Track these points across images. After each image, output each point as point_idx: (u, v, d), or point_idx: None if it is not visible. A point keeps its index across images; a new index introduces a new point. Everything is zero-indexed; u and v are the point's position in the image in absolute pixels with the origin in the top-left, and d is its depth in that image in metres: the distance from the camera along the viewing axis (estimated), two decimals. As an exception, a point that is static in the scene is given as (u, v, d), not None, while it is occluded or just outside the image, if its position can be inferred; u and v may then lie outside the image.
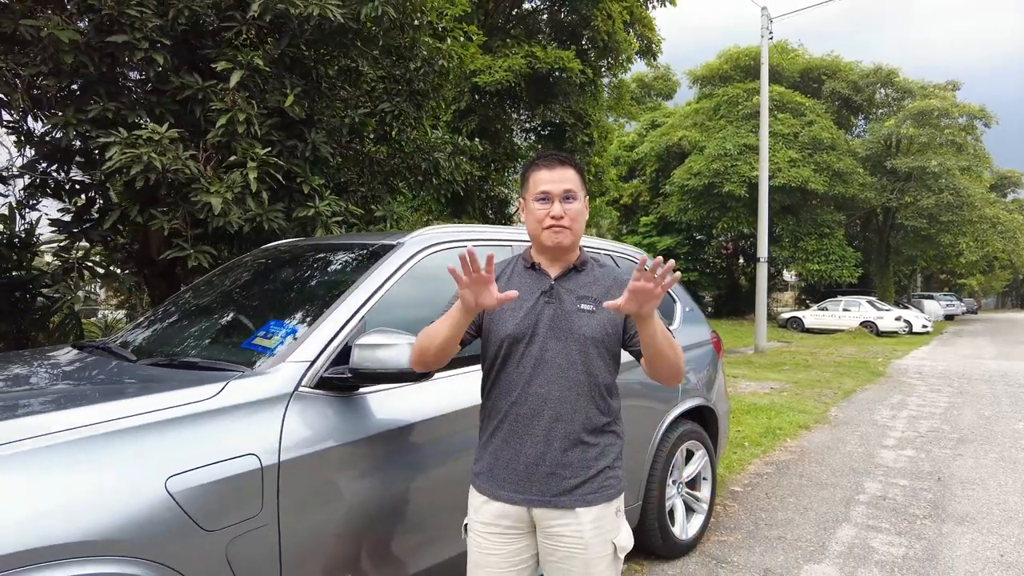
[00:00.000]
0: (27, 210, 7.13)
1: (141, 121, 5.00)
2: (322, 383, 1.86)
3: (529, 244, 1.78)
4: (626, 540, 1.73)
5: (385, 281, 2.16)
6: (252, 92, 4.98)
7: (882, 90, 28.23)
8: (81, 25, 4.96)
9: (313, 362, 1.86)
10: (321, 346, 1.89)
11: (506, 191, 16.95)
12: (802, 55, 28.61)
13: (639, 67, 19.77)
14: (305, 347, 1.88)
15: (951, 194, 24.17)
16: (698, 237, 28.66)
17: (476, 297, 1.49)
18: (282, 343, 1.93)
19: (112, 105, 4.91)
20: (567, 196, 1.68)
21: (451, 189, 6.82)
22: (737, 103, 25.00)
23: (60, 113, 4.96)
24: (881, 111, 28.67)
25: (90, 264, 7.01)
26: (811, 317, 23.82)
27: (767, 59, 15.13)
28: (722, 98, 25.75)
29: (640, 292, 1.43)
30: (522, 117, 13.78)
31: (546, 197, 1.68)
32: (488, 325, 1.72)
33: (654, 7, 13.32)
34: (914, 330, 22.18)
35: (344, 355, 1.91)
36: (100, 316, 12.39)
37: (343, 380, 1.87)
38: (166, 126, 4.58)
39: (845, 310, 23.02)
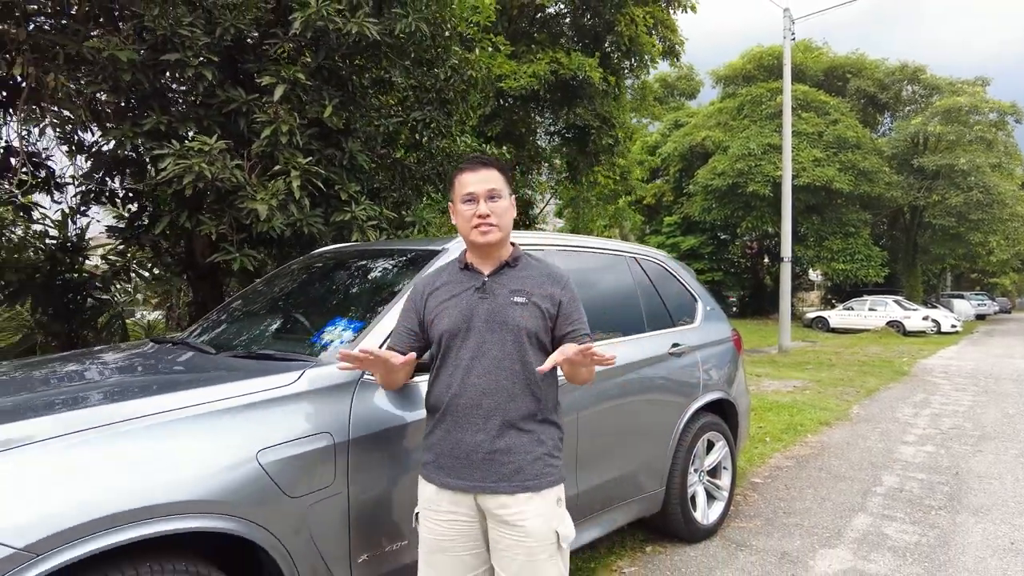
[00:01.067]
0: (78, 216, 7.57)
1: (190, 133, 5.33)
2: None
3: (558, 247, 2.01)
4: (569, 530, 1.78)
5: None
6: (293, 104, 5.28)
7: (909, 87, 27.91)
8: (135, 45, 5.30)
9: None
10: (380, 340, 2.14)
11: (530, 192, 17.19)
12: (826, 53, 28.42)
13: (662, 67, 19.84)
14: (367, 340, 2.14)
15: (981, 192, 23.86)
16: (722, 237, 28.61)
17: (385, 374, 1.84)
18: (351, 338, 2.19)
19: (164, 118, 5.24)
20: (491, 196, 1.77)
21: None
22: (761, 103, 24.96)
23: (117, 127, 5.31)
24: (908, 109, 28.36)
25: (136, 267, 7.41)
26: (836, 317, 23.69)
27: (789, 60, 15.17)
28: (745, 98, 25.72)
29: (574, 365, 1.65)
30: (546, 120, 14.00)
31: (472, 198, 1.77)
32: (429, 326, 1.84)
33: (675, 13, 13.44)
34: (943, 330, 21.95)
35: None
36: (139, 316, 12.85)
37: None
38: (215, 137, 4.89)
39: (871, 310, 22.86)
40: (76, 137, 6.56)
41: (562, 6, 13.89)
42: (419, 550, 1.83)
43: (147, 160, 5.84)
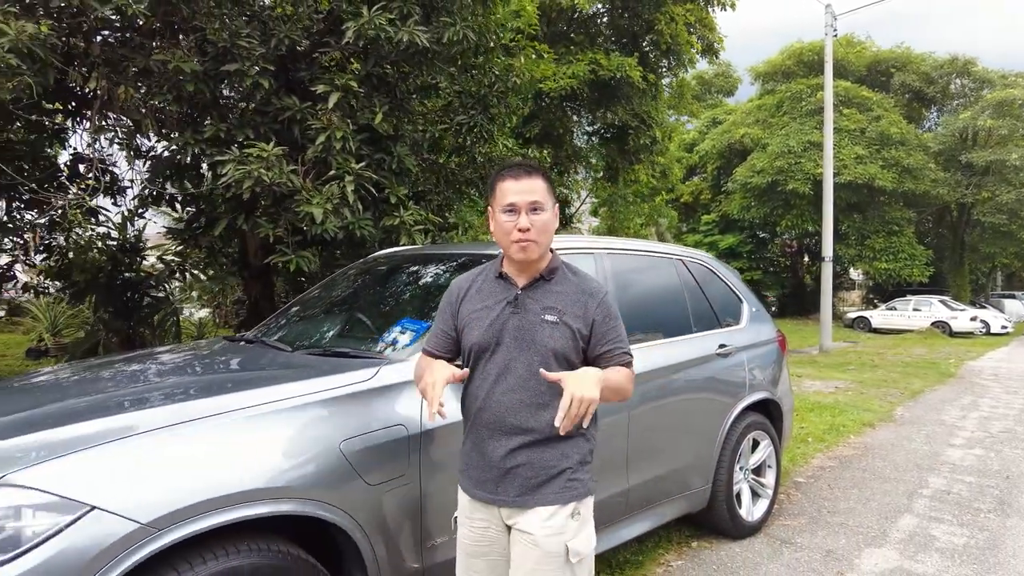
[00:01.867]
0: (136, 219, 7.93)
1: (245, 140, 5.57)
2: None
3: (608, 250, 2.09)
4: (582, 544, 1.72)
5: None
6: (346, 111, 5.47)
7: (958, 81, 27.10)
8: (197, 57, 5.55)
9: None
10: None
11: (566, 191, 17.25)
12: (869, 48, 27.78)
13: (700, 65, 19.71)
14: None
15: (1034, 188, 23.10)
16: (761, 235, 28.21)
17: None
18: (416, 337, 2.34)
19: (223, 126, 5.50)
20: (534, 208, 1.70)
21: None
22: (800, 99, 24.53)
23: (180, 134, 5.58)
24: (956, 103, 27.54)
25: (190, 267, 7.73)
26: (879, 317, 23.19)
27: (831, 57, 14.94)
28: (785, 94, 25.32)
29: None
30: (583, 120, 14.05)
31: (513, 209, 1.70)
32: (460, 333, 1.82)
33: (714, 10, 13.36)
34: (992, 331, 21.29)
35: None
36: (187, 314, 13.32)
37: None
38: (272, 144, 5.11)
39: (915, 310, 22.32)
40: (135, 143, 6.88)
41: (600, 6, 13.93)
42: (457, 553, 1.84)
43: (204, 165, 6.13)
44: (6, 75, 4.72)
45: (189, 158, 5.62)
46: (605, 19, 14.36)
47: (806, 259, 30.62)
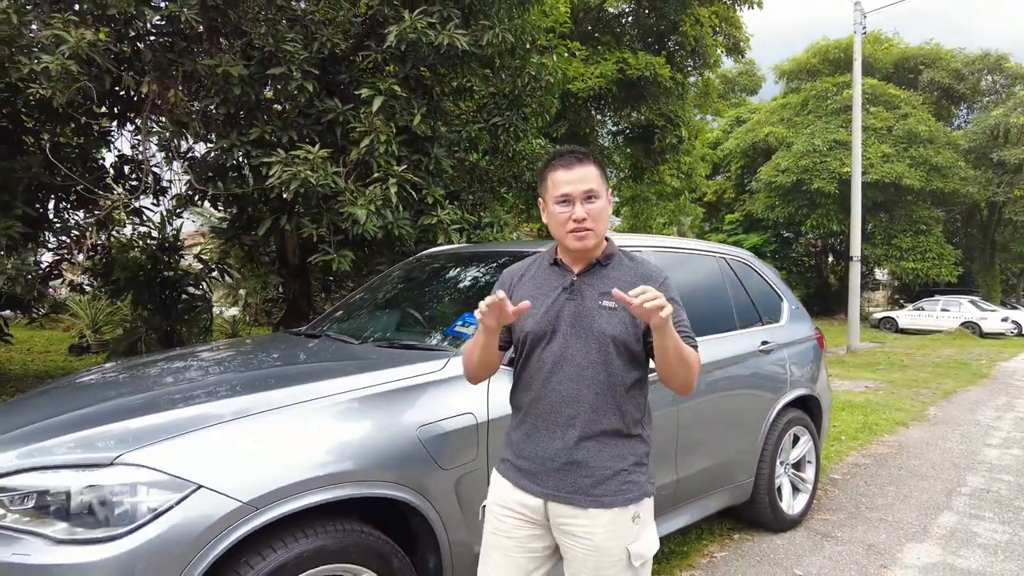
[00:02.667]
0: (174, 218, 8.13)
1: (289, 141, 5.72)
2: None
3: (654, 248, 2.15)
4: (644, 547, 1.68)
5: (548, 282, 2.65)
6: (388, 114, 5.60)
7: (989, 77, 26.66)
8: (243, 61, 5.71)
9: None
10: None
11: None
12: (896, 45, 27.43)
13: (726, 64, 19.64)
14: (499, 333, 2.39)
15: (1068, 187, 22.68)
16: (785, 235, 28.00)
17: (497, 321, 1.61)
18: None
19: (268, 128, 5.66)
20: (588, 197, 1.64)
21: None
22: (826, 97, 24.32)
23: (226, 136, 5.74)
24: (987, 99, 27.10)
25: (228, 266, 7.92)
26: (906, 317, 22.91)
27: (860, 56, 14.82)
28: (810, 93, 25.11)
29: (638, 311, 1.46)
30: (609, 119, 14.10)
31: (567, 199, 1.64)
32: (513, 324, 1.75)
33: (741, 9, 13.34)
34: (1024, 332, 20.97)
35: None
36: (216, 311, 13.58)
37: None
38: (317, 147, 5.25)
39: (944, 310, 22.03)
40: (173, 145, 7.07)
41: (625, 7, 13.98)
42: (482, 544, 1.79)
43: (246, 166, 6.29)
44: (65, 81, 4.91)
45: (235, 159, 5.79)
46: (630, 19, 14.41)
47: (830, 259, 30.33)
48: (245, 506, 1.70)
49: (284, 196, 5.33)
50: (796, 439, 3.85)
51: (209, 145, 6.56)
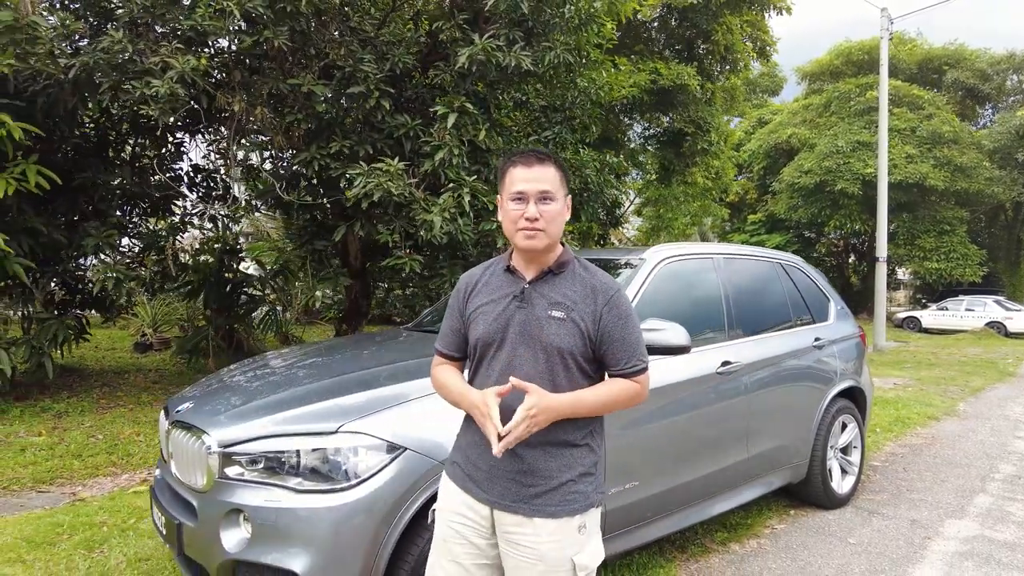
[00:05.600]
0: (238, 223, 8.67)
1: (365, 154, 6.21)
2: None
3: (725, 255, 2.51)
4: (589, 559, 1.64)
5: (642, 284, 3.10)
6: (457, 128, 6.06)
7: (1014, 76, 26.69)
8: (323, 80, 6.21)
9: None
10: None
11: (618, 192, 17.72)
12: (920, 46, 27.51)
13: (754, 67, 19.92)
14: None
15: (1093, 186, 22.68)
16: (807, 235, 28.19)
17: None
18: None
19: (346, 142, 6.15)
20: (544, 197, 1.61)
21: (599, 202, 7.77)
22: (849, 99, 24.50)
23: (307, 149, 6.24)
24: (1012, 99, 27.12)
25: (295, 269, 8.42)
26: (929, 317, 23.06)
27: (887, 61, 15.08)
28: (832, 94, 25.29)
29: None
30: (639, 125, 14.49)
31: (521, 197, 1.62)
32: (467, 328, 1.74)
33: (770, 15, 13.67)
34: (1050, 332, 21.03)
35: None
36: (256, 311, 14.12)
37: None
38: (397, 160, 5.73)
39: (968, 310, 22.15)
40: (248, 157, 7.61)
41: (657, 13, 14.35)
42: (431, 551, 1.76)
43: (316, 177, 6.78)
44: (171, 102, 5.45)
45: (314, 170, 6.30)
46: (655, 24, 14.78)
47: (852, 259, 30.45)
48: (439, 464, 2.17)
49: (361, 205, 5.81)
50: (844, 426, 4.26)
51: (286, 157, 7.08)
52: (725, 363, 3.26)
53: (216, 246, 8.33)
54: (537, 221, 1.60)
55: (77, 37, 5.83)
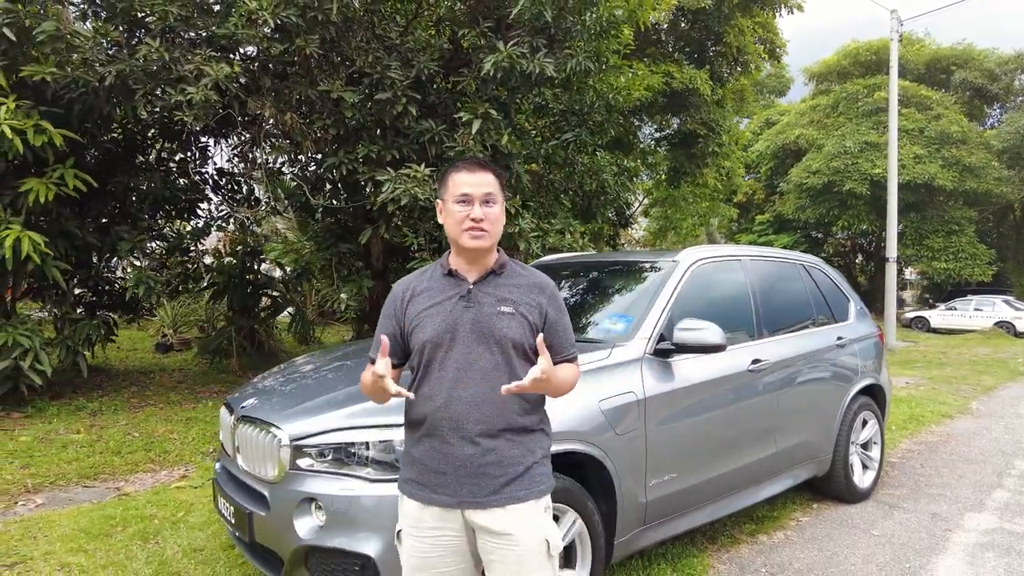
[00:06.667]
0: (259, 225, 8.82)
1: (392, 159, 6.35)
2: (655, 352, 2.95)
3: (751, 257, 2.64)
4: (556, 537, 1.75)
5: (676, 285, 3.24)
6: (480, 133, 6.21)
7: (1022, 76, 26.68)
8: (351, 87, 6.36)
9: (650, 338, 2.96)
10: (652, 328, 2.98)
11: (628, 194, 17.85)
12: (928, 46, 27.54)
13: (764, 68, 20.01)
14: (644, 328, 2.98)
15: (1102, 186, 22.70)
16: (815, 235, 28.25)
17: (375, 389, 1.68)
18: (627, 327, 3.04)
19: (373, 147, 6.30)
20: (487, 200, 1.71)
21: (615, 205, 7.91)
22: (857, 99, 24.55)
23: (334, 154, 6.40)
24: (1020, 99, 27.13)
25: (318, 271, 8.57)
26: (938, 317, 23.11)
27: (896, 63, 15.17)
28: (840, 95, 25.35)
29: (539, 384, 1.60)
30: (650, 127, 14.60)
31: (466, 199, 1.70)
32: (410, 335, 1.76)
33: (780, 14, 13.77)
34: (1059, 331, 21.05)
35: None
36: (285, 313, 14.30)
37: (667, 351, 2.96)
38: (423, 165, 5.88)
39: (977, 309, 22.19)
40: (273, 161, 7.76)
41: (664, 19, 14.47)
42: (403, 568, 1.78)
43: (340, 182, 6.92)
44: (205, 108, 5.61)
45: (341, 175, 6.45)
46: (666, 27, 14.89)
47: (859, 259, 30.49)
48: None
49: (388, 209, 5.95)
50: (865, 422, 4.39)
51: (311, 161, 7.23)
52: (755, 361, 3.39)
53: (239, 248, 8.51)
54: (483, 222, 1.71)
55: (110, 45, 6.00)
